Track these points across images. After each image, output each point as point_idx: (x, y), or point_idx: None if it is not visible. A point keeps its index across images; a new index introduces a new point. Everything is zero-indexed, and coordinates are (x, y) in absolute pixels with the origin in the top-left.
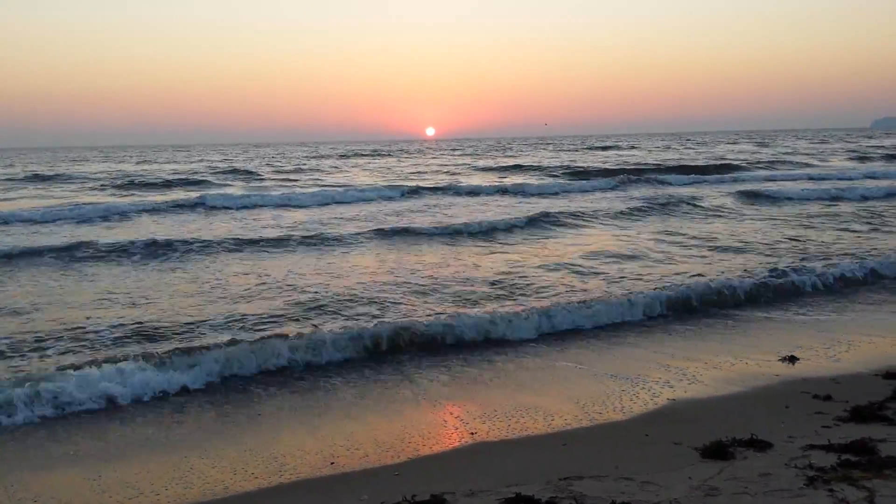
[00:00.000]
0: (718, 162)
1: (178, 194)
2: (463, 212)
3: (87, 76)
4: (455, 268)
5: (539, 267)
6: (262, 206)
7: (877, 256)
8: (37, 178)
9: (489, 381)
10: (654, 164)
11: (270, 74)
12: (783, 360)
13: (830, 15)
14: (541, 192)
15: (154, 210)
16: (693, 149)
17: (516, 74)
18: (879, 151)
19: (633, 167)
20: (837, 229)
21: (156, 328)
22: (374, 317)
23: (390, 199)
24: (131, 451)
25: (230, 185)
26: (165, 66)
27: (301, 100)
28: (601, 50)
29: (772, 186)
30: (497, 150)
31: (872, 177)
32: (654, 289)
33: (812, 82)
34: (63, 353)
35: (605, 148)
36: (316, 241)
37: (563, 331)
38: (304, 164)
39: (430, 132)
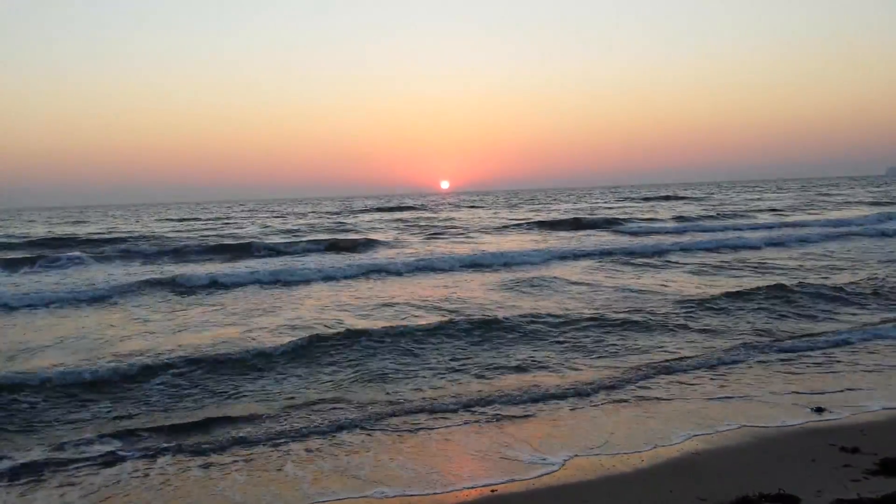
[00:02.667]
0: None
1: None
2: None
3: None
4: None
5: None
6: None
7: None
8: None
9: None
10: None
11: (273, 128)
12: (811, 410)
13: (842, 60)
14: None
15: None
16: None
17: (526, 125)
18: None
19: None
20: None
21: None
22: None
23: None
24: None
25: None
26: (174, 124)
27: (303, 154)
28: (609, 98)
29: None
30: (542, 201)
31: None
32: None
33: (824, 128)
34: None
35: (667, 198)
36: None
37: None
38: (380, 223)
39: (445, 185)
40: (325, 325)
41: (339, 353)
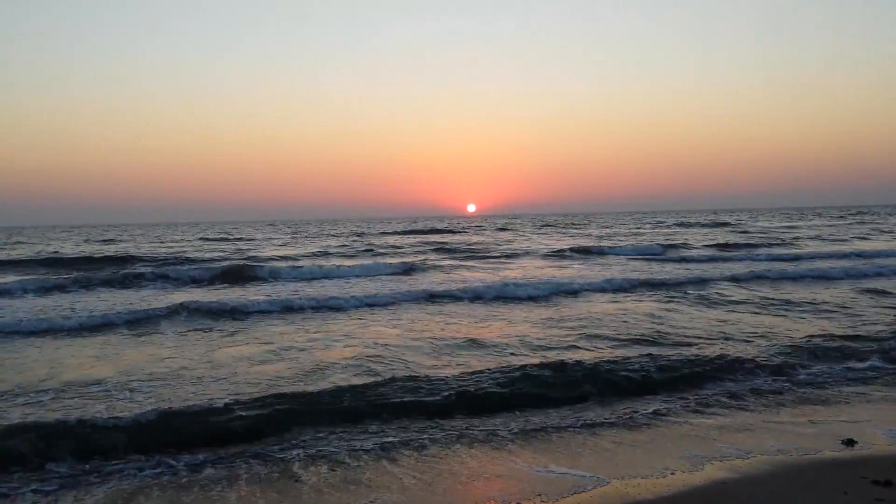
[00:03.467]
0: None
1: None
2: None
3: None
4: None
5: None
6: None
7: None
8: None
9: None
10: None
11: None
12: (842, 441)
13: (873, 85)
14: None
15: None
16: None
17: (549, 149)
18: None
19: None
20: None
21: None
22: None
23: None
24: None
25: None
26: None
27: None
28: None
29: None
30: (579, 224)
31: None
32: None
33: (846, 156)
34: None
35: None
36: None
37: None
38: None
39: (472, 208)
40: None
41: None
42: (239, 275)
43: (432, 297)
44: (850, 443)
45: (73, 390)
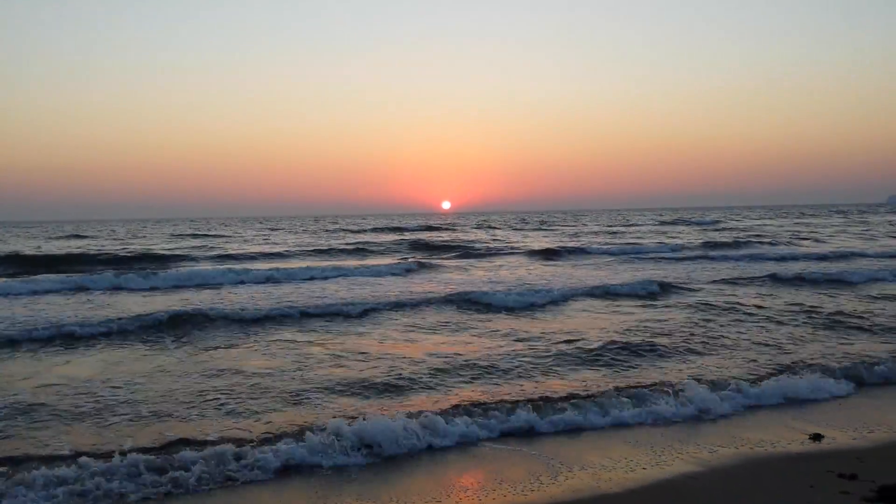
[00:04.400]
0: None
1: None
2: None
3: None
4: None
5: None
6: None
7: None
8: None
9: None
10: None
11: (266, 145)
12: (809, 437)
13: (847, 87)
14: None
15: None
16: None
17: (525, 146)
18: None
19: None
20: None
21: None
22: None
23: None
24: None
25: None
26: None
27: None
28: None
29: None
30: (567, 223)
31: None
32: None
33: (825, 155)
34: None
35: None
36: None
37: None
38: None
39: (447, 205)
40: None
41: None
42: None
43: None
44: (817, 437)
45: None
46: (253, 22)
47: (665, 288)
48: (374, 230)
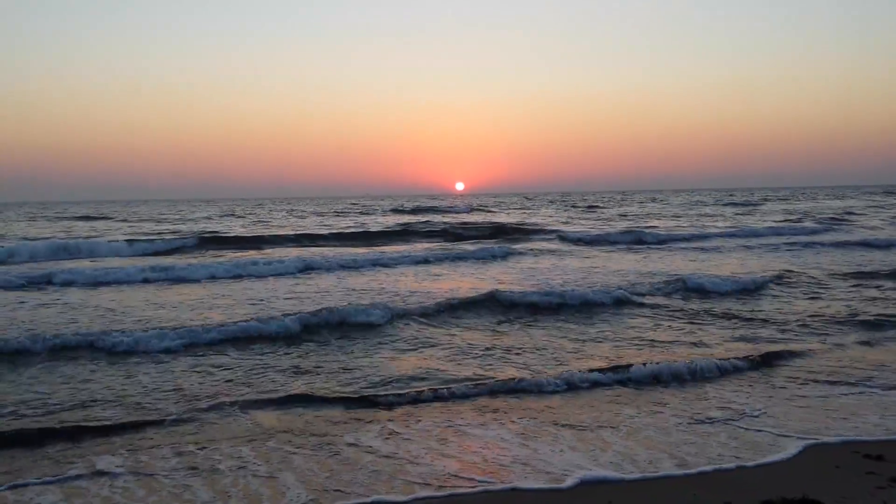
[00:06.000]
0: None
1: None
2: None
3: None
4: None
5: None
6: None
7: None
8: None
9: None
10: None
11: (280, 128)
12: (831, 417)
13: (859, 67)
14: None
15: None
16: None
17: (539, 128)
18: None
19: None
20: None
21: None
22: None
23: None
24: None
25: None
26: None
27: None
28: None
29: None
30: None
31: None
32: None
33: (843, 137)
34: None
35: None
36: None
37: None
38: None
39: (460, 187)
40: None
41: None
42: None
43: None
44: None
45: None
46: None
47: None
48: (413, 211)
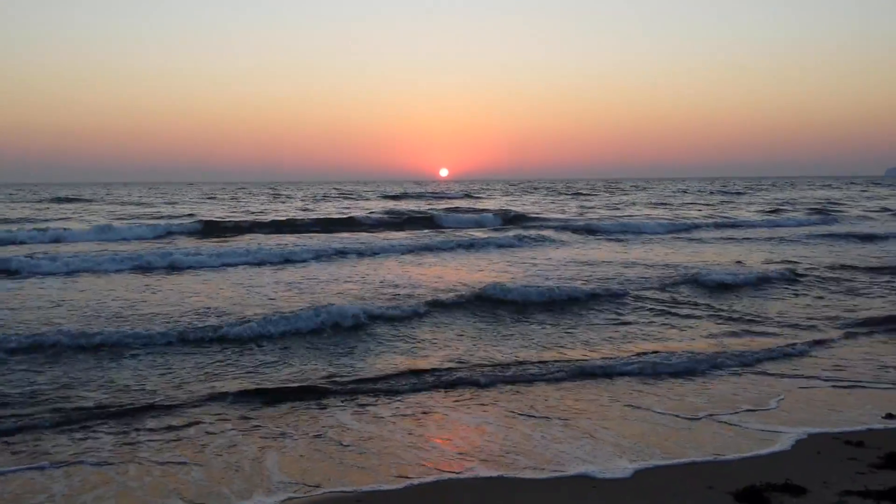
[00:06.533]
0: None
1: None
2: None
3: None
4: None
5: None
6: None
7: None
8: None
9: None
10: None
11: (266, 113)
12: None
13: (842, 60)
14: None
15: None
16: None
17: (523, 117)
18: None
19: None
20: None
21: None
22: None
23: None
24: None
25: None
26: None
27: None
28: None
29: None
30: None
31: None
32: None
33: (822, 128)
34: None
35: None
36: None
37: None
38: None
39: (444, 173)
40: None
41: None
42: None
43: None
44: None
45: None
46: None
47: None
48: (408, 197)
